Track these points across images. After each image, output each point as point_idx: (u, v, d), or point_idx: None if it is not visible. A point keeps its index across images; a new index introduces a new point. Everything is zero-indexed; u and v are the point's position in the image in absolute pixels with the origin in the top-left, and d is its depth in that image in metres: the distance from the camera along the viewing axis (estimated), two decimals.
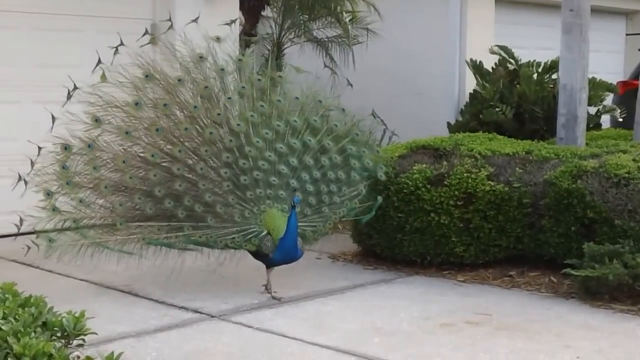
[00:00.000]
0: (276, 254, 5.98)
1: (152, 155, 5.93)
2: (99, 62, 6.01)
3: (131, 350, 4.92)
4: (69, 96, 5.94)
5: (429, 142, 7.58)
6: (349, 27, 11.46)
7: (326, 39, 12.05)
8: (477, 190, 6.77)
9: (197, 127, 6.04)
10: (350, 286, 6.59)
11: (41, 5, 8.33)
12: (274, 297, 6.04)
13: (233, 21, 6.33)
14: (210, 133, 6.00)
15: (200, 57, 6.15)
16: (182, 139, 6.02)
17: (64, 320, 3.70)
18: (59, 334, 3.69)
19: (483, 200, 6.77)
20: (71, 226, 5.84)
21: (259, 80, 6.24)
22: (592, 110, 10.15)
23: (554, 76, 9.97)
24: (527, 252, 6.93)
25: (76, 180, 5.92)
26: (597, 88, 9.99)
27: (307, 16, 11.79)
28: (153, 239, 5.89)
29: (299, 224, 6.00)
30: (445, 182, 6.85)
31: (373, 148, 6.69)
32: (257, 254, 6.08)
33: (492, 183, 6.80)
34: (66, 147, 5.90)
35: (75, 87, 5.95)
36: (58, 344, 3.59)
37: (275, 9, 12.10)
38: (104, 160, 5.99)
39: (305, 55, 11.94)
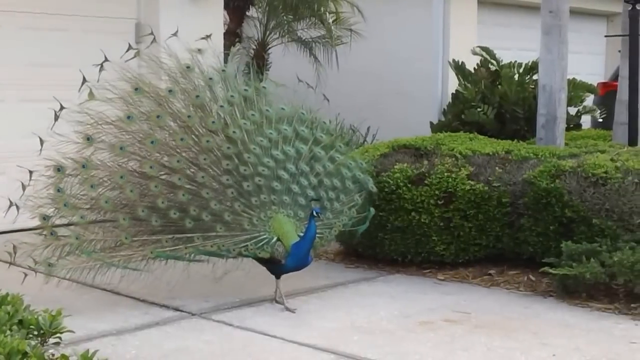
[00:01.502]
0: (289, 261, 5.85)
1: (151, 167, 5.80)
2: (84, 80, 5.85)
3: (111, 349, 4.95)
4: (57, 117, 5.72)
5: (410, 141, 7.63)
6: (332, 27, 11.51)
7: (310, 40, 12.11)
8: (458, 189, 6.83)
9: (192, 136, 5.95)
10: (331, 285, 6.63)
11: (26, 5, 8.34)
12: (287, 309, 5.87)
13: (208, 36, 6.25)
14: (207, 141, 5.89)
15: (188, 67, 6.07)
16: (178, 150, 5.90)
17: (40, 318, 3.72)
18: (35, 332, 3.71)
19: (463, 199, 6.83)
20: (72, 249, 5.65)
21: (246, 90, 6.18)
22: (573, 110, 10.26)
23: (534, 77, 10.06)
24: (506, 251, 6.99)
25: (73, 201, 5.75)
26: (577, 89, 10.10)
27: (291, 16, 11.86)
28: (161, 252, 5.72)
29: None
30: (426, 182, 6.91)
31: (357, 160, 6.62)
32: (269, 262, 5.94)
33: (472, 182, 6.86)
34: (59, 169, 5.73)
35: (62, 107, 5.76)
36: (34, 342, 3.60)
37: (259, 9, 12.15)
38: (100, 179, 5.84)
39: (289, 55, 12.00)
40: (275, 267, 5.95)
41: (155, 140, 5.86)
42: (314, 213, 5.77)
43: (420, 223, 6.86)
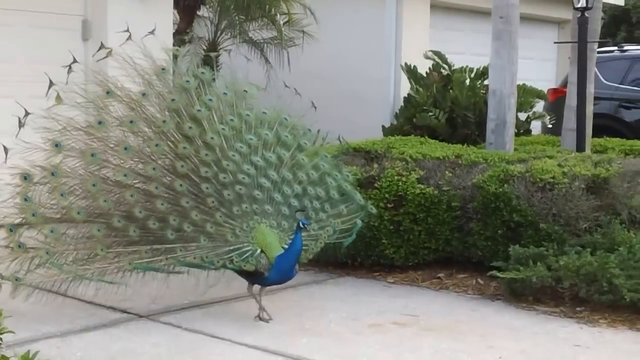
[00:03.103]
0: (272, 274, 5.61)
1: (125, 175, 5.56)
2: (52, 84, 5.56)
3: (56, 351, 4.89)
4: (22, 124, 5.45)
5: (360, 144, 7.66)
6: (284, 29, 11.49)
7: (262, 41, 12.07)
8: (408, 193, 6.86)
9: (168, 142, 5.67)
10: (281, 287, 6.59)
11: None
12: (261, 319, 5.68)
13: (151, 32, 5.91)
14: (184, 148, 5.62)
15: (163, 69, 5.82)
16: (153, 157, 5.64)
17: None
18: None
19: (413, 203, 6.86)
20: (42, 261, 5.36)
21: (225, 94, 5.93)
22: (523, 116, 10.37)
23: (486, 82, 10.13)
24: (455, 255, 7.04)
25: (42, 211, 5.47)
26: (527, 95, 10.20)
27: (243, 17, 11.81)
28: (140, 264, 5.48)
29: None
30: (376, 185, 6.93)
31: (343, 172, 6.39)
32: (251, 274, 5.67)
33: (422, 186, 6.89)
34: (26, 177, 5.44)
35: (27, 113, 5.49)
36: None
37: (211, 9, 12.08)
38: (70, 187, 5.55)
39: (241, 56, 11.94)
40: (258, 279, 5.71)
41: (129, 147, 5.59)
42: (301, 225, 5.53)
43: (370, 226, 6.87)
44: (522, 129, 10.27)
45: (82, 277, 5.42)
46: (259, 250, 5.60)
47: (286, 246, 5.62)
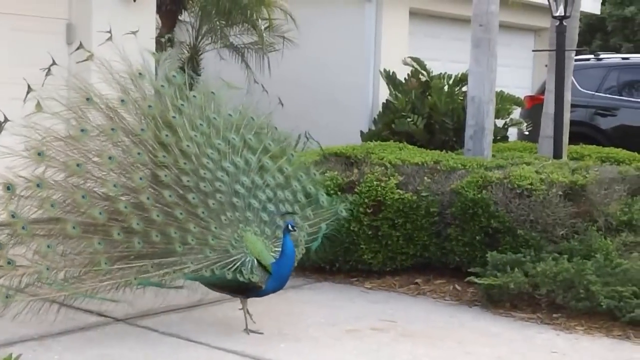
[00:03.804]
0: (271, 283, 5.38)
1: (114, 186, 5.25)
2: (30, 89, 5.25)
3: (32, 354, 4.87)
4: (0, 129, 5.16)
5: (340, 149, 7.68)
6: (265, 34, 11.51)
7: (242, 46, 12.08)
8: (387, 198, 6.87)
9: (148, 152, 5.40)
10: None
11: None
12: (251, 331, 5.53)
13: (134, 32, 5.73)
14: (164, 156, 5.39)
15: (140, 74, 5.58)
16: (138, 165, 5.38)
17: None
18: None
19: (392, 208, 6.87)
20: (32, 280, 5.04)
21: (195, 97, 5.71)
22: (500, 123, 10.45)
23: (464, 88, 10.21)
24: (433, 260, 7.06)
25: (32, 227, 5.09)
26: (504, 101, 10.28)
27: (224, 22, 11.82)
28: (145, 280, 5.21)
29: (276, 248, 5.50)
30: (356, 190, 6.94)
31: (310, 172, 6.17)
32: (248, 288, 5.40)
33: (400, 192, 6.91)
34: (9, 187, 5.07)
35: (6, 119, 5.17)
36: None
37: (192, 14, 12.09)
38: (57, 200, 5.21)
39: (222, 60, 11.94)
40: (254, 292, 5.46)
41: (113, 156, 5.31)
42: (289, 227, 5.32)
43: (349, 231, 6.88)
44: (500, 136, 10.35)
45: (83, 295, 5.12)
46: (255, 260, 5.37)
47: (274, 254, 5.43)
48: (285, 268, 5.39)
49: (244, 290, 5.44)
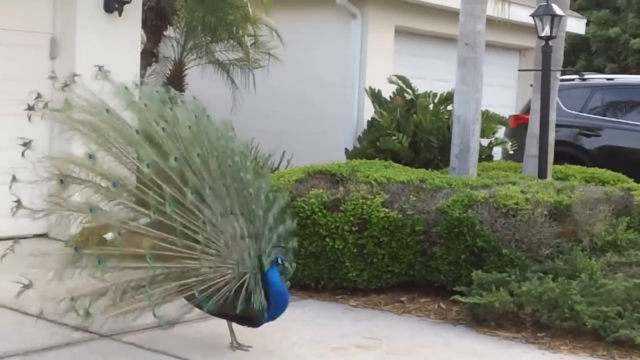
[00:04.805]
0: (271, 311, 5.29)
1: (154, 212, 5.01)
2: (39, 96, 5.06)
3: None
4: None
5: (326, 167, 7.68)
6: (250, 50, 11.54)
7: (228, 62, 12.10)
8: (372, 216, 6.88)
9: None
10: None
11: None
12: (239, 345, 5.53)
13: (104, 70, 5.44)
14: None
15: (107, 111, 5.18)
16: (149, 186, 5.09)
17: None
18: None
19: (377, 226, 6.87)
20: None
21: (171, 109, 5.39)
22: (485, 142, 10.48)
23: (449, 107, 10.24)
24: (418, 279, 7.06)
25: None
26: (489, 120, 10.32)
27: (209, 38, 11.84)
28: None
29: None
30: (341, 208, 6.93)
31: (267, 178, 5.94)
32: (248, 318, 5.30)
33: (386, 210, 6.91)
34: (61, 180, 4.87)
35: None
36: None
37: (178, 29, 12.10)
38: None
39: (207, 76, 11.96)
40: (254, 322, 5.36)
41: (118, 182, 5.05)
42: (279, 261, 5.27)
43: (334, 249, 6.88)
44: (485, 155, 10.38)
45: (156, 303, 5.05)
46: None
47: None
48: (282, 296, 5.31)
49: (240, 319, 5.37)
